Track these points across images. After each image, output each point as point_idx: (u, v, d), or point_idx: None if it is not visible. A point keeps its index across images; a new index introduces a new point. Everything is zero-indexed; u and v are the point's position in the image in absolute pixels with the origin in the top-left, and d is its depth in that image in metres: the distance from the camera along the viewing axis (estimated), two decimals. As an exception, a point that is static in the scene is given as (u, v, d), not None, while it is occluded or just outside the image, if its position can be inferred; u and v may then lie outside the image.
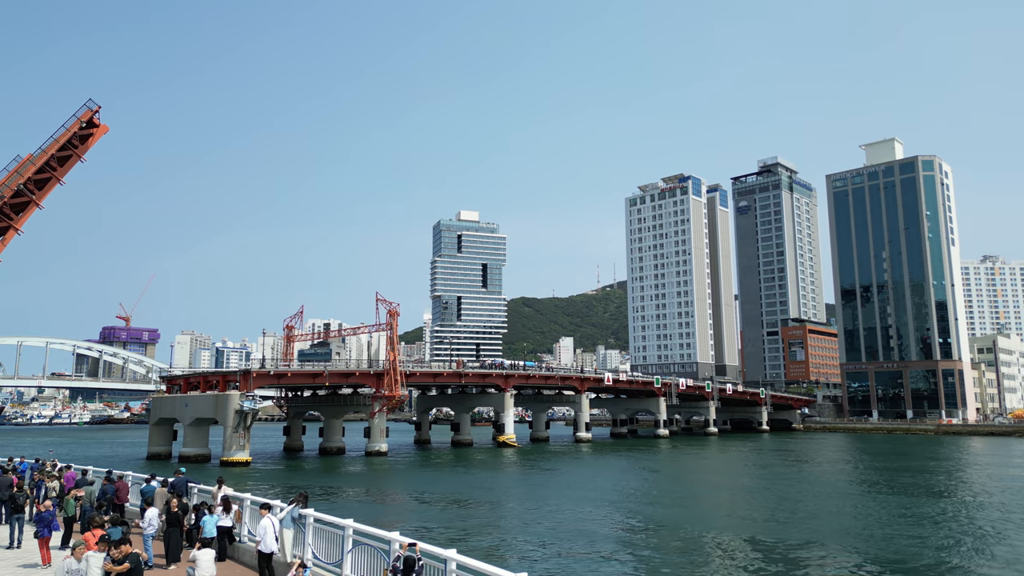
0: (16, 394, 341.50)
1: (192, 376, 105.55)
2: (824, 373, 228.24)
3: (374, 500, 56.90)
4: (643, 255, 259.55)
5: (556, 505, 50.79)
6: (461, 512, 49.21)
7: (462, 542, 35.31)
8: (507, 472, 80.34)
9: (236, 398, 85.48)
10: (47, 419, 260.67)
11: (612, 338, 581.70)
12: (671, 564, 32.41)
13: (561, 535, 38.89)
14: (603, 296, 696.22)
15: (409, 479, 73.70)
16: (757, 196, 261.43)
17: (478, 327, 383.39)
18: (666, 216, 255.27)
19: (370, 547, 15.71)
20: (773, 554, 34.12)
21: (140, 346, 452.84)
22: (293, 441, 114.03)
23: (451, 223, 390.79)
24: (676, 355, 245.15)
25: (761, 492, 59.96)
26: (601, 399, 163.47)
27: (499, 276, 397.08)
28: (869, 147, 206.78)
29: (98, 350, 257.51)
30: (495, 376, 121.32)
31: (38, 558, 21.15)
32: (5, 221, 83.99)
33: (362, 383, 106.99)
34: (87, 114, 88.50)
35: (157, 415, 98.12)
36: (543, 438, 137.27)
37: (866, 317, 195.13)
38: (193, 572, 16.36)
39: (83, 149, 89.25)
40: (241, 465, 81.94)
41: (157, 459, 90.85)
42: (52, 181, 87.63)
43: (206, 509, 20.86)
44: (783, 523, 43.27)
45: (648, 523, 43.80)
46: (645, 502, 53.96)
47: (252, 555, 19.38)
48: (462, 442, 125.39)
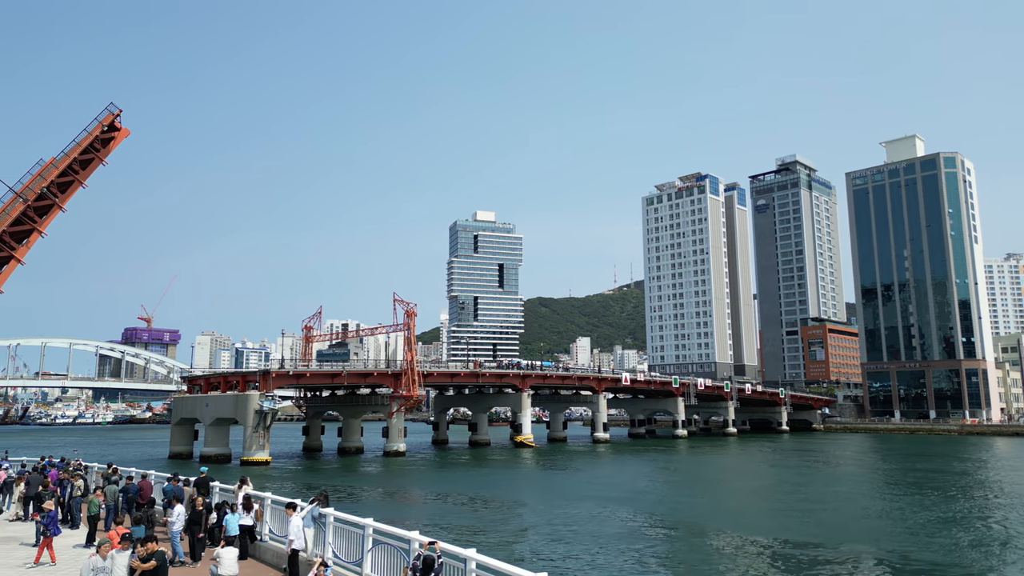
0: (40, 394, 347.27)
1: (212, 376, 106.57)
2: (845, 373, 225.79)
3: (393, 500, 57.13)
4: (660, 254, 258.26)
5: (575, 505, 50.67)
6: (480, 512, 49.25)
7: (481, 542, 35.30)
8: (525, 472, 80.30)
9: (256, 398, 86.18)
10: (71, 419, 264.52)
11: (629, 338, 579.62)
12: (691, 564, 32.21)
13: (580, 535, 38.79)
14: (620, 296, 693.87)
15: (428, 479, 73.90)
16: (775, 194, 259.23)
17: (495, 327, 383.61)
18: (683, 215, 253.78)
19: (390, 546, 15.76)
20: (796, 555, 33.80)
21: (161, 347, 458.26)
22: (312, 441, 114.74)
23: (467, 223, 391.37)
24: (694, 355, 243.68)
25: (782, 492, 59.45)
26: (619, 399, 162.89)
27: (515, 276, 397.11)
28: (889, 144, 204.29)
29: (120, 351, 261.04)
30: (512, 376, 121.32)
31: (63, 557, 21.43)
32: (29, 224, 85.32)
33: (380, 383, 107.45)
34: (108, 118, 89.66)
35: (178, 415, 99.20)
36: (561, 438, 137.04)
37: (887, 316, 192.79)
38: (216, 570, 16.51)
39: (105, 153, 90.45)
40: (261, 465, 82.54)
41: (179, 459, 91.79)
42: (75, 184, 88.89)
43: (228, 508, 21.04)
44: (805, 524, 42.85)
45: (667, 523, 43.57)
46: (664, 502, 53.69)
47: (274, 553, 19.53)
48: (480, 442, 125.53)
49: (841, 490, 60.79)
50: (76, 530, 26.16)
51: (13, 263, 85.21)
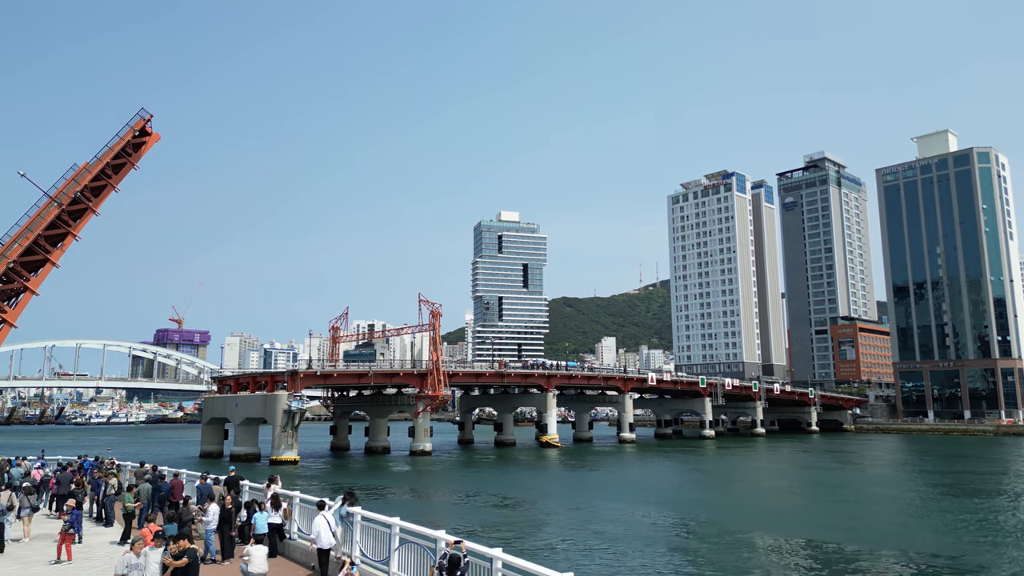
0: (75, 394, 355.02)
1: (242, 377, 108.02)
2: (876, 372, 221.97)
3: (420, 499, 57.39)
4: (686, 253, 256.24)
5: (601, 505, 50.46)
6: (506, 512, 49.27)
7: (507, 541, 35.29)
8: (551, 472, 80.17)
9: (284, 398, 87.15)
10: (105, 419, 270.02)
11: (655, 338, 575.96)
12: (720, 565, 31.88)
13: (607, 536, 38.61)
14: (646, 295, 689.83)
15: (454, 478, 74.11)
16: (804, 192, 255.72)
17: (519, 327, 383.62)
18: (710, 213, 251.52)
19: (416, 545, 15.82)
20: (830, 557, 33.29)
21: (192, 347, 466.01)
22: (339, 440, 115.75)
23: (491, 224, 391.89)
24: (721, 355, 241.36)
25: (814, 493, 58.61)
26: (645, 399, 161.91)
27: (540, 276, 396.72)
28: (921, 139, 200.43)
29: (152, 351, 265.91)
30: (537, 376, 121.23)
31: (98, 554, 21.87)
32: (63, 228, 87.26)
33: (406, 383, 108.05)
34: (140, 123, 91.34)
35: (209, 415, 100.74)
36: (586, 438, 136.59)
37: (920, 315, 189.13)
38: (246, 567, 16.72)
39: (136, 157, 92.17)
40: (290, 464, 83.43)
41: (209, 458, 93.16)
42: (107, 188, 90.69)
43: (257, 506, 21.29)
44: (839, 526, 42.17)
45: (696, 524, 43.19)
46: (692, 503, 53.22)
47: (302, 552, 19.73)
48: (505, 442, 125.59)
49: (876, 491, 59.78)
50: (110, 528, 26.67)
51: (48, 266, 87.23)
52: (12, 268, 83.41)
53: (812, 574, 30.11)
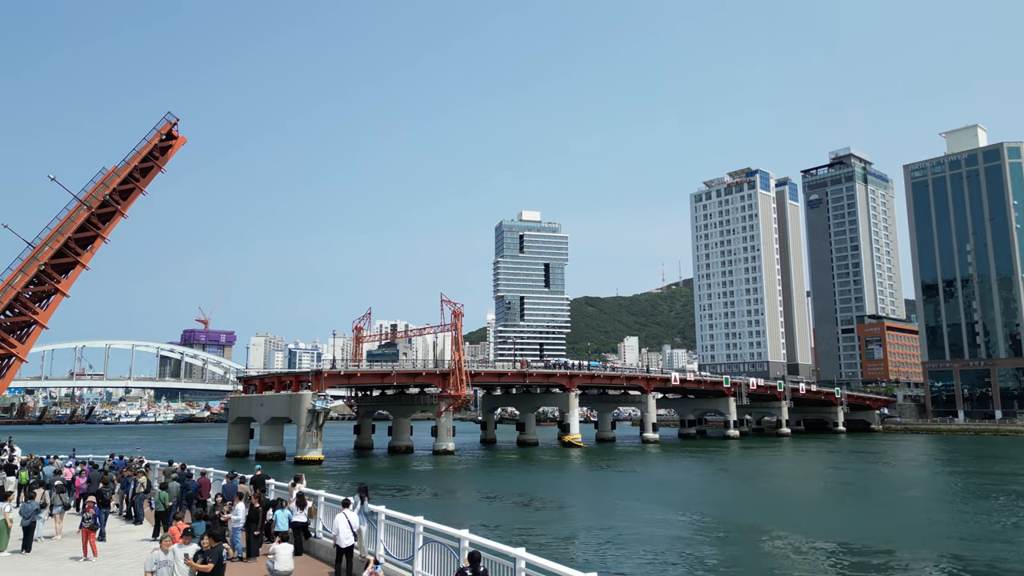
0: (105, 394, 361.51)
1: (267, 376, 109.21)
2: (904, 372, 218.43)
3: (443, 498, 57.60)
4: (710, 252, 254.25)
5: (625, 505, 50.26)
6: (529, 511, 49.26)
7: (531, 541, 35.30)
8: (574, 472, 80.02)
9: (309, 398, 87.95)
10: (134, 418, 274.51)
11: (678, 337, 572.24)
12: (745, 566, 31.60)
13: (631, 536, 38.44)
14: (668, 294, 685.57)
15: (477, 478, 74.26)
16: (829, 189, 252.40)
17: (541, 327, 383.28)
18: (733, 212, 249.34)
19: (440, 544, 15.87)
20: (856, 559, 32.83)
21: (218, 348, 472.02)
22: (363, 440, 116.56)
23: (513, 223, 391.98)
24: (746, 354, 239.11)
25: (842, 494, 57.83)
26: (668, 399, 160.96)
27: (561, 276, 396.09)
28: (950, 135, 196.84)
29: (180, 352, 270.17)
30: (559, 376, 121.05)
31: (127, 551, 22.25)
32: (93, 231, 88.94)
33: (428, 383, 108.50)
34: (166, 127, 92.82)
35: (235, 414, 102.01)
36: (609, 438, 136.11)
37: (949, 313, 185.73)
38: (272, 565, 16.90)
39: (163, 160, 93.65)
40: (314, 463, 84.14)
41: (235, 456, 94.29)
42: (135, 192, 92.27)
43: (281, 505, 21.53)
44: (866, 527, 41.58)
45: (721, 524, 42.84)
46: (716, 503, 52.79)
47: (327, 550, 19.89)
48: (527, 442, 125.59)
49: (906, 492, 58.83)
50: (139, 525, 27.12)
51: (79, 268, 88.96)
52: (43, 270, 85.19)
53: (836, 573, 29.73)
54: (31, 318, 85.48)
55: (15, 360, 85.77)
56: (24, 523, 21.64)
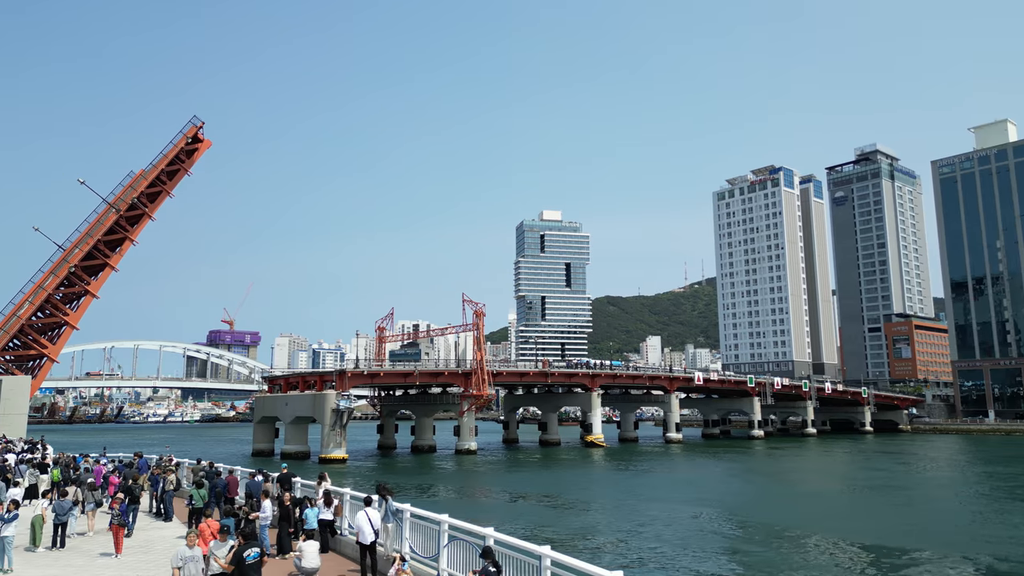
0: (134, 394, 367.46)
1: (291, 376, 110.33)
2: (933, 371, 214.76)
3: (466, 497, 57.78)
4: (733, 250, 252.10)
5: (649, 505, 50.03)
6: (553, 511, 49.24)
7: (555, 540, 35.29)
8: (597, 472, 79.82)
9: (332, 397, 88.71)
10: (161, 417, 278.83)
11: (701, 336, 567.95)
12: (772, 567, 31.28)
13: (655, 536, 38.26)
14: (691, 293, 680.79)
15: (499, 477, 74.37)
16: (855, 186, 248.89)
17: (563, 326, 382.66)
18: (757, 210, 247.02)
19: (465, 542, 15.94)
20: (885, 560, 32.37)
21: (243, 348, 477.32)
22: (386, 439, 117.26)
23: (534, 223, 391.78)
24: (770, 353, 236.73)
25: (869, 494, 57.03)
26: (691, 399, 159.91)
27: (583, 275, 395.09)
28: (978, 130, 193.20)
29: (206, 352, 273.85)
30: (581, 376, 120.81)
31: (158, 548, 22.61)
32: (122, 233, 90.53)
33: (451, 382, 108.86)
34: (192, 130, 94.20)
35: (260, 414, 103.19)
36: (632, 438, 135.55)
37: (979, 311, 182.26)
38: (299, 563, 17.10)
39: (189, 163, 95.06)
40: (338, 462, 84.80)
41: (261, 456, 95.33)
42: (162, 194, 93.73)
43: (308, 503, 21.75)
44: (895, 528, 40.98)
45: (747, 524, 42.47)
46: (741, 503, 52.33)
47: (353, 548, 20.05)
48: (550, 441, 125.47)
49: (936, 493, 57.89)
50: (169, 522, 27.55)
51: (108, 270, 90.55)
52: (73, 272, 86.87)
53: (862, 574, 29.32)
54: (62, 319, 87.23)
55: (46, 360, 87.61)
56: (57, 520, 22.09)
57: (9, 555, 18.98)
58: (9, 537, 19.03)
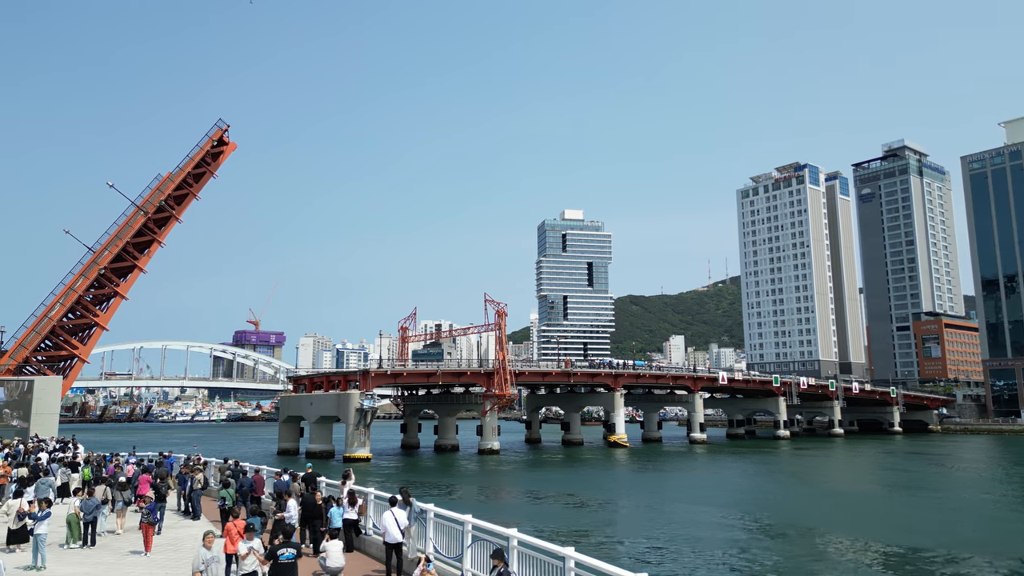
0: (162, 393, 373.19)
1: (316, 376, 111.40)
2: (964, 371, 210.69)
3: (490, 497, 57.83)
4: (757, 248, 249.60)
5: (673, 506, 49.69)
6: (577, 511, 49.09)
7: (579, 541, 35.17)
8: (621, 472, 79.46)
9: (356, 397, 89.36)
10: (189, 417, 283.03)
11: (726, 336, 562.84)
12: (798, 568, 30.88)
13: (680, 537, 37.97)
14: (715, 292, 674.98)
15: (522, 477, 74.37)
16: (882, 182, 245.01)
17: (585, 326, 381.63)
18: (781, 207, 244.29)
19: (489, 543, 15.93)
20: (915, 564, 31.80)
21: (268, 348, 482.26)
22: (410, 438, 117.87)
23: (555, 223, 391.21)
24: (796, 353, 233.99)
25: (898, 496, 56.10)
26: (715, 399, 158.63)
27: (605, 274, 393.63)
28: (1009, 124, 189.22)
29: (232, 352, 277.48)
30: (604, 375, 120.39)
31: (187, 546, 22.91)
32: (149, 235, 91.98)
33: (473, 382, 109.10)
34: (217, 133, 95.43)
35: (285, 413, 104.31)
36: (655, 438, 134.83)
37: (1011, 309, 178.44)
38: (324, 562, 17.22)
39: (215, 166, 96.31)
40: (362, 461, 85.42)
41: (286, 455, 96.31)
42: (189, 197, 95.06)
43: (333, 502, 21.90)
44: (925, 531, 40.25)
45: (772, 526, 41.99)
46: (768, 504, 51.77)
47: (378, 547, 20.14)
48: (572, 441, 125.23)
49: (968, 495, 56.75)
50: (197, 521, 27.90)
51: (136, 272, 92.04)
52: (103, 274, 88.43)
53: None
54: (92, 320, 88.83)
55: (77, 361, 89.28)
56: (86, 519, 22.47)
57: (42, 552, 19.34)
58: (42, 535, 19.39)
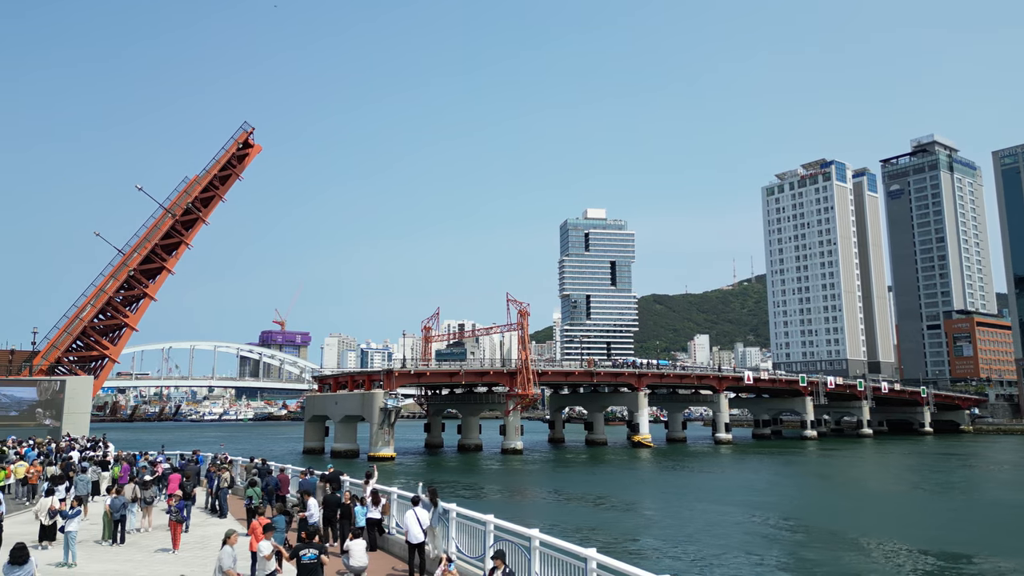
0: (190, 393, 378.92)
1: (340, 376, 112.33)
2: (996, 370, 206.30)
3: (513, 497, 57.81)
4: (783, 247, 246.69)
5: (699, 507, 49.27)
6: (600, 512, 48.90)
7: (601, 541, 35.02)
8: (645, 472, 79.02)
9: (380, 396, 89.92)
10: (217, 416, 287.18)
11: (751, 335, 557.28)
12: (826, 572, 30.44)
13: (706, 538, 37.63)
14: (740, 291, 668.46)
15: (546, 477, 74.27)
16: (911, 178, 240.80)
17: (608, 325, 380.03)
18: (807, 204, 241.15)
19: (511, 543, 15.91)
20: (948, 569, 31.18)
21: (294, 348, 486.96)
22: (433, 438, 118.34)
23: (578, 222, 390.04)
24: (823, 352, 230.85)
25: (931, 498, 55.08)
26: (741, 399, 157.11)
27: (628, 273, 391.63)
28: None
29: (258, 352, 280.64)
30: (627, 375, 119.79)
31: (214, 544, 23.19)
32: (177, 237, 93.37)
33: (496, 382, 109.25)
34: (243, 136, 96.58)
35: (311, 412, 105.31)
36: (680, 439, 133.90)
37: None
38: (348, 561, 17.31)
39: (241, 168, 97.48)
40: (386, 461, 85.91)
41: (312, 454, 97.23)
42: (215, 199, 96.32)
43: (357, 501, 22.03)
44: (959, 535, 39.45)
45: (800, 528, 41.46)
46: (795, 506, 51.13)
47: (400, 546, 20.24)
48: (596, 441, 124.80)
49: (1002, 496, 55.54)
50: (224, 519, 28.24)
51: (165, 273, 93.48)
52: (132, 276, 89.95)
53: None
54: (122, 321, 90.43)
55: (108, 361, 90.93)
56: (115, 516, 22.85)
57: (73, 549, 19.71)
58: (73, 532, 19.76)
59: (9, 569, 13.56)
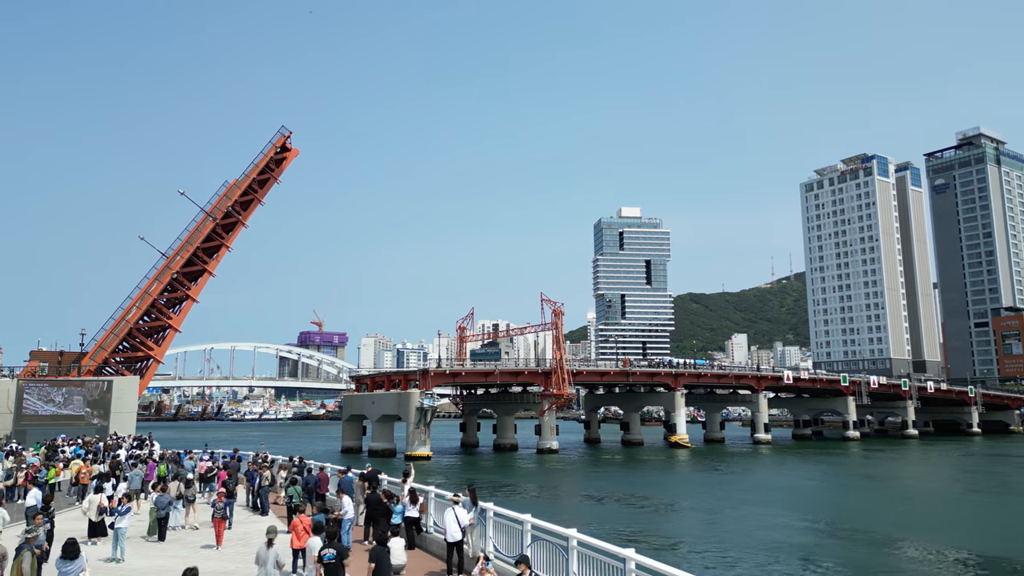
0: (231, 393, 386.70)
1: (377, 376, 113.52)
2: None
3: (549, 497, 57.74)
4: (823, 244, 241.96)
5: (738, 508, 48.59)
6: (637, 512, 48.56)
7: (640, 542, 34.73)
8: (682, 473, 78.23)
9: (417, 396, 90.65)
10: (257, 415, 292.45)
11: (790, 334, 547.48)
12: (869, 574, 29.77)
13: (745, 540, 37.09)
14: (779, 289, 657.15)
15: (582, 477, 74.01)
16: (956, 172, 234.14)
17: (643, 325, 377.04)
18: (848, 200, 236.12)
19: (548, 543, 15.89)
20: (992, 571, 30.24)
21: (331, 348, 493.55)
22: (469, 437, 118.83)
23: (612, 220, 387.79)
24: (865, 351, 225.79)
25: (982, 501, 53.44)
26: (780, 399, 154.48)
27: (664, 272, 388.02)
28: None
29: (297, 353, 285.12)
30: (664, 375, 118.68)
31: (256, 541, 23.63)
32: (218, 240, 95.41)
33: (531, 381, 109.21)
34: (280, 140, 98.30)
35: (348, 412, 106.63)
36: (718, 439, 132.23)
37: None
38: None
39: (278, 172, 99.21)
40: (422, 460, 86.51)
41: (350, 453, 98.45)
42: (254, 202, 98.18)
43: (394, 500, 22.21)
44: (1008, 539, 38.21)
45: (842, 531, 40.58)
46: (838, 508, 50.09)
47: (438, 544, 20.36)
48: (632, 441, 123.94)
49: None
50: (265, 517, 28.75)
51: (206, 275, 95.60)
52: (175, 278, 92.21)
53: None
54: (166, 323, 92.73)
55: (153, 361, 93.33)
56: (160, 514, 23.43)
57: (122, 545, 20.26)
58: (123, 528, 20.31)
59: (62, 563, 14.06)
